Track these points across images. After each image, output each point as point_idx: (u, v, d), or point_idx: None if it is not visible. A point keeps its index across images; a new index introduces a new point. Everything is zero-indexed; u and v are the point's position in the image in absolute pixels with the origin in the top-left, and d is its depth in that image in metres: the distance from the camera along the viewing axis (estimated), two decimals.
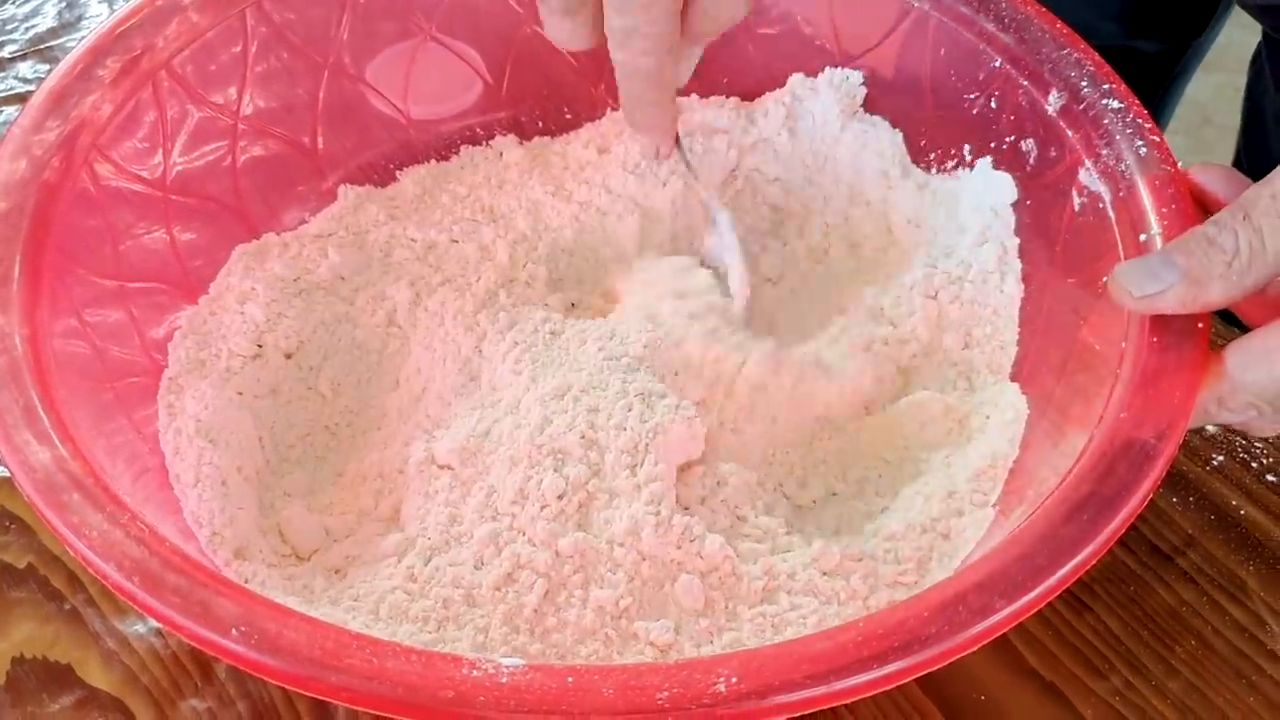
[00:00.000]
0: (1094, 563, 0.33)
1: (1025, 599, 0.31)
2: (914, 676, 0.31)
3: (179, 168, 0.49)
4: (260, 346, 0.48)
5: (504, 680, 0.30)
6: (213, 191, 0.50)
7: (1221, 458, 0.50)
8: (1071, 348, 0.43)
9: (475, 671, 0.30)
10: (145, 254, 0.47)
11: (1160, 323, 0.38)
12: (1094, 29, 0.49)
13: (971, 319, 0.48)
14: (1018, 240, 0.48)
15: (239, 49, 0.51)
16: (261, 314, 0.48)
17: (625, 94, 0.45)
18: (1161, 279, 0.37)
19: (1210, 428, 0.51)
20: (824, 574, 0.41)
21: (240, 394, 0.46)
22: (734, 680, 0.30)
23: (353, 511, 0.44)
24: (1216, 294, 0.36)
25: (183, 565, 0.33)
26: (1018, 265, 0.48)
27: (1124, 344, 0.39)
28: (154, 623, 0.44)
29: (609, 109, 0.58)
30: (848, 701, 0.30)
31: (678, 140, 0.50)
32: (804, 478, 0.46)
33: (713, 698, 0.30)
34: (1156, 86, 0.80)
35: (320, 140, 0.54)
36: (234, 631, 0.30)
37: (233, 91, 0.51)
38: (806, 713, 0.30)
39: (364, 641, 0.31)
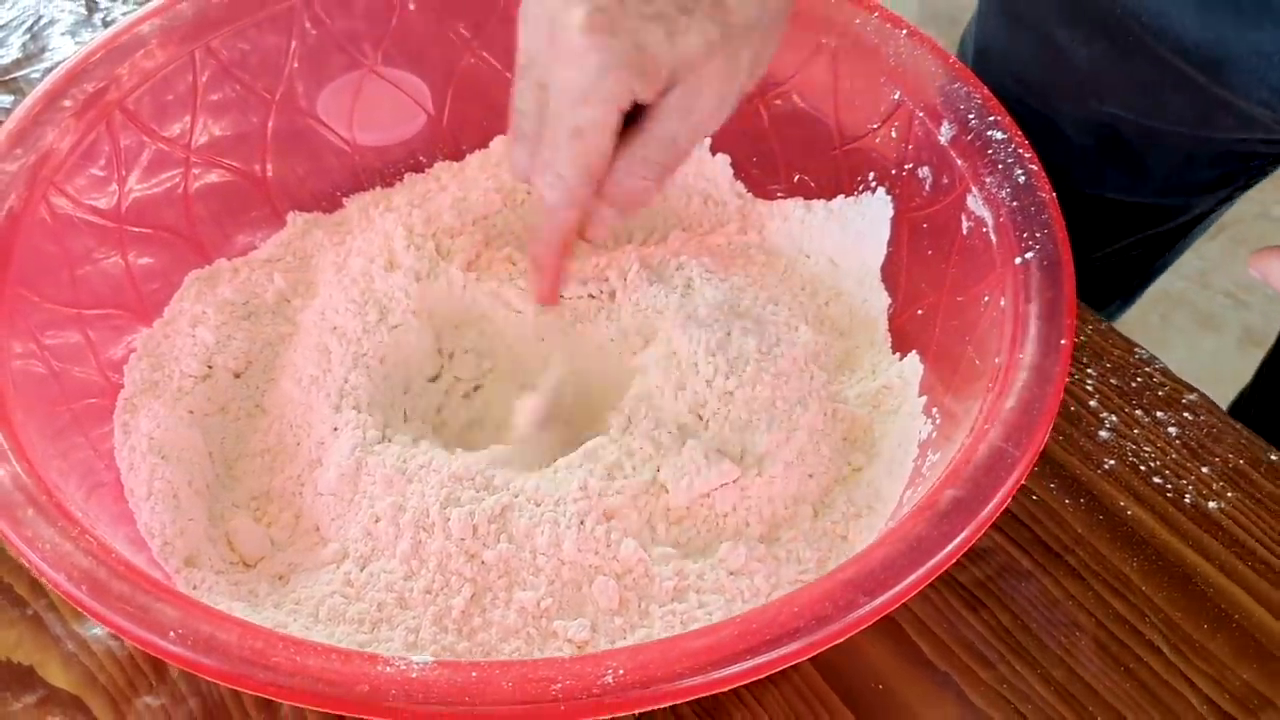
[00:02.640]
0: (955, 562, 0.36)
1: (885, 596, 0.35)
2: (783, 667, 0.34)
3: (134, 195, 0.52)
4: (210, 367, 0.51)
5: (414, 675, 0.33)
6: (167, 220, 0.54)
7: (1112, 462, 0.53)
8: (958, 364, 0.46)
9: (388, 668, 0.33)
10: (102, 279, 0.51)
11: (1026, 340, 0.42)
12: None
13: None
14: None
15: (190, 83, 0.54)
16: (212, 336, 0.51)
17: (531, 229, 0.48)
18: None
19: (1102, 433, 0.54)
20: (730, 574, 0.44)
21: (191, 412, 0.50)
22: (621, 672, 0.33)
23: (294, 523, 0.47)
24: None
25: (127, 574, 0.36)
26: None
27: (997, 360, 0.42)
28: None
29: None
30: (723, 690, 0.34)
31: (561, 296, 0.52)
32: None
33: (601, 688, 0.33)
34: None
35: (269, 169, 0.58)
36: (171, 634, 0.34)
37: (185, 124, 0.54)
38: (714, 702, 0.33)
39: (288, 642, 0.34)
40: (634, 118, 0.44)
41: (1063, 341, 0.41)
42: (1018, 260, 0.45)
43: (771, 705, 0.46)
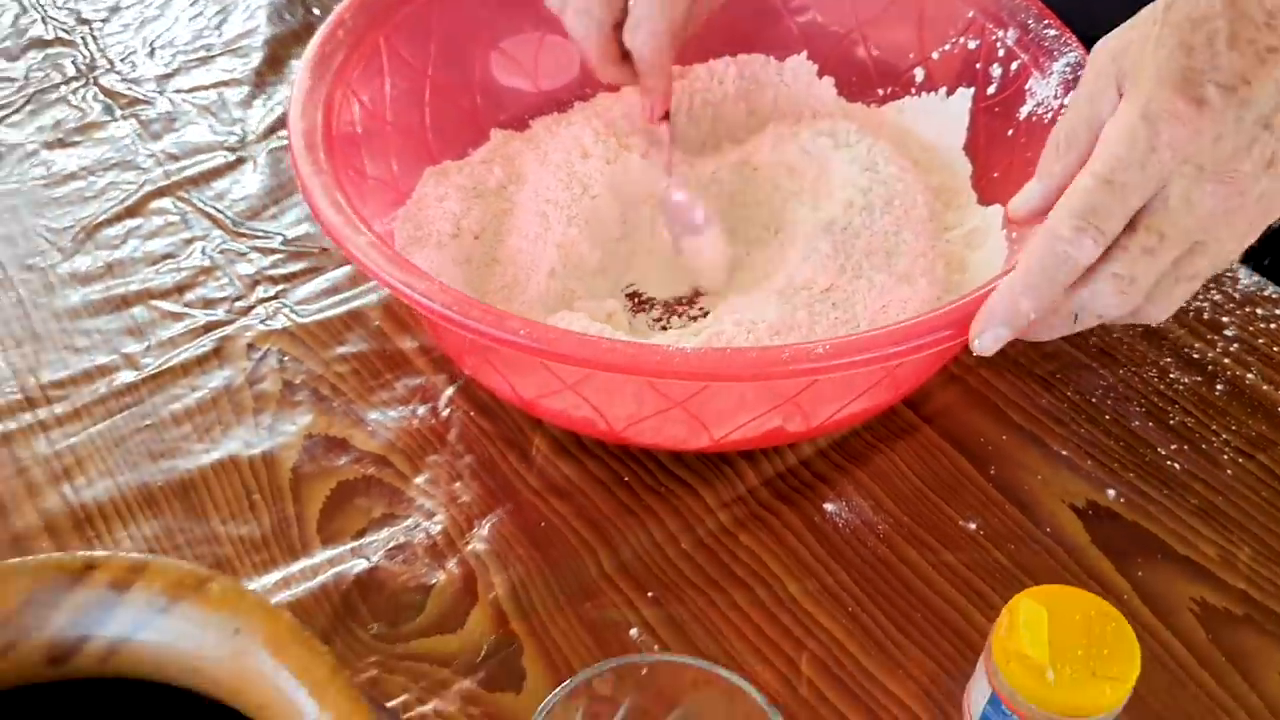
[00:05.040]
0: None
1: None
2: (931, 350, 0.49)
3: (390, 107, 0.68)
4: (457, 230, 0.67)
5: (688, 356, 0.49)
6: (411, 126, 0.70)
7: None
8: None
9: (672, 350, 0.49)
10: (372, 164, 0.66)
11: None
12: None
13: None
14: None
15: (428, 27, 0.70)
16: (457, 207, 0.67)
17: (640, 64, 0.65)
18: None
19: None
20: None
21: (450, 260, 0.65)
22: (826, 349, 0.49)
23: None
24: None
25: (483, 308, 0.51)
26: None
27: None
28: (397, 411, 0.62)
29: None
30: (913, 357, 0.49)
31: (667, 115, 0.69)
32: None
33: (813, 358, 0.48)
34: None
35: (478, 98, 0.74)
36: (522, 332, 0.49)
37: (424, 58, 0.71)
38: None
39: (588, 339, 0.49)
40: None
41: None
42: None
43: (906, 454, 0.61)
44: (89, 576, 0.33)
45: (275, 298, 0.69)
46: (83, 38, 0.88)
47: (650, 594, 0.55)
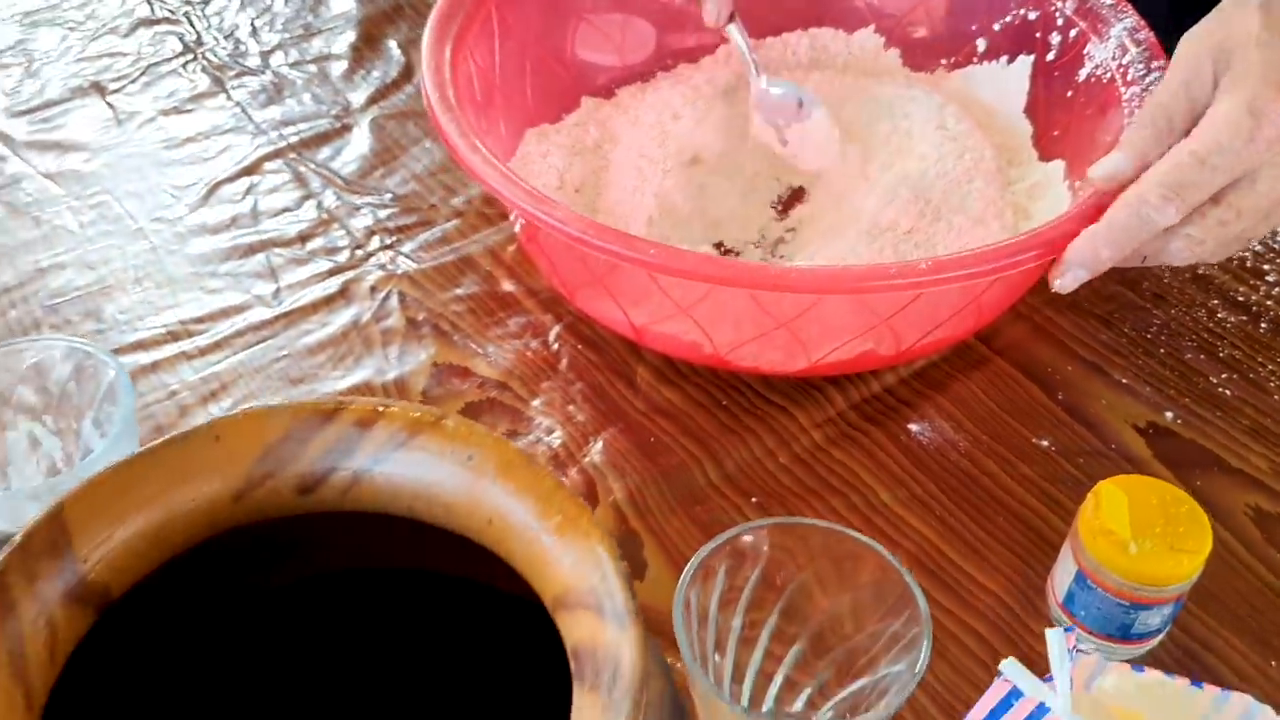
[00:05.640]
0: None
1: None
2: (1018, 270, 0.55)
3: (498, 70, 0.74)
4: (561, 183, 0.73)
5: (804, 272, 0.54)
6: (514, 96, 0.76)
7: None
8: (1089, 159, 0.68)
9: (784, 269, 0.54)
10: (488, 126, 0.72)
11: None
12: None
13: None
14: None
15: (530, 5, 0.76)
16: (560, 162, 0.73)
17: None
18: None
19: None
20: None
21: None
22: (927, 265, 0.54)
23: None
24: None
25: (616, 233, 0.57)
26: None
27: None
28: (511, 345, 0.68)
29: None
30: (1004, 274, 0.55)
31: (733, 16, 0.74)
32: None
33: (918, 273, 0.54)
34: None
35: (571, 68, 0.80)
36: (651, 251, 0.55)
37: (528, 33, 0.77)
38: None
39: (719, 260, 0.55)
40: None
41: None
42: (1125, 88, 0.67)
43: (981, 381, 0.67)
44: (338, 416, 0.39)
45: (390, 247, 0.75)
46: (186, 15, 0.94)
47: (754, 500, 0.61)
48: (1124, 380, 0.67)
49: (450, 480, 0.38)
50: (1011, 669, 0.37)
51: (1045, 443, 0.63)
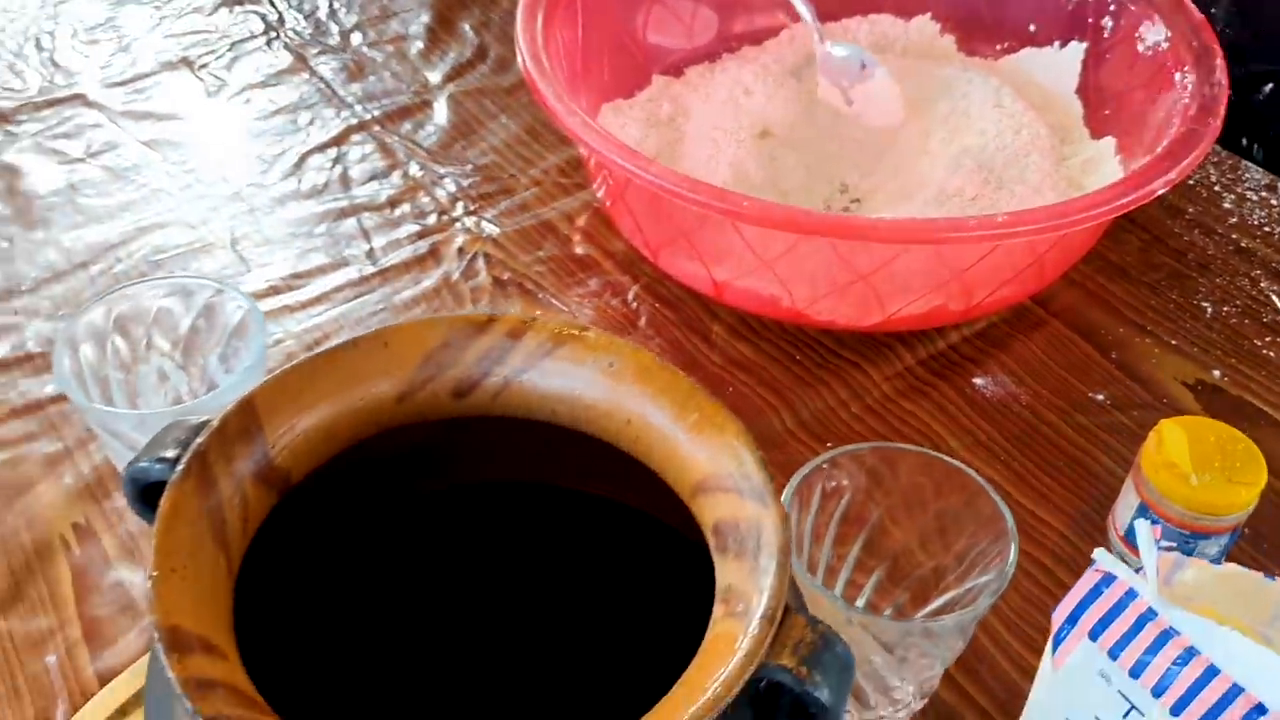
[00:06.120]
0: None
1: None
2: (1085, 226, 0.59)
3: (580, 49, 0.79)
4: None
5: (890, 223, 0.58)
6: (593, 72, 0.80)
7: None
8: (1141, 136, 0.72)
9: (870, 220, 0.59)
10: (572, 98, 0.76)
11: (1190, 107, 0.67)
12: None
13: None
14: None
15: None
16: (637, 133, 0.77)
17: None
18: None
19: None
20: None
21: None
22: (1004, 218, 0.58)
23: None
24: None
25: (711, 187, 0.61)
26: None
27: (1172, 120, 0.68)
28: (592, 302, 0.72)
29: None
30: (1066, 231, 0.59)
31: None
32: None
33: (995, 225, 0.58)
34: None
35: (642, 49, 0.84)
36: (745, 203, 0.59)
37: (607, 13, 0.81)
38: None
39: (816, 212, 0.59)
40: None
41: (1218, 91, 0.67)
42: (1177, 69, 0.71)
43: (1040, 341, 0.71)
44: (491, 327, 0.43)
45: (474, 213, 0.79)
46: None
47: (829, 445, 0.65)
48: (1173, 342, 0.71)
49: (591, 385, 0.42)
50: (1104, 558, 0.41)
51: (1100, 396, 0.67)
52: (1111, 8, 0.77)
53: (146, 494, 0.39)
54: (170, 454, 0.38)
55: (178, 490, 0.37)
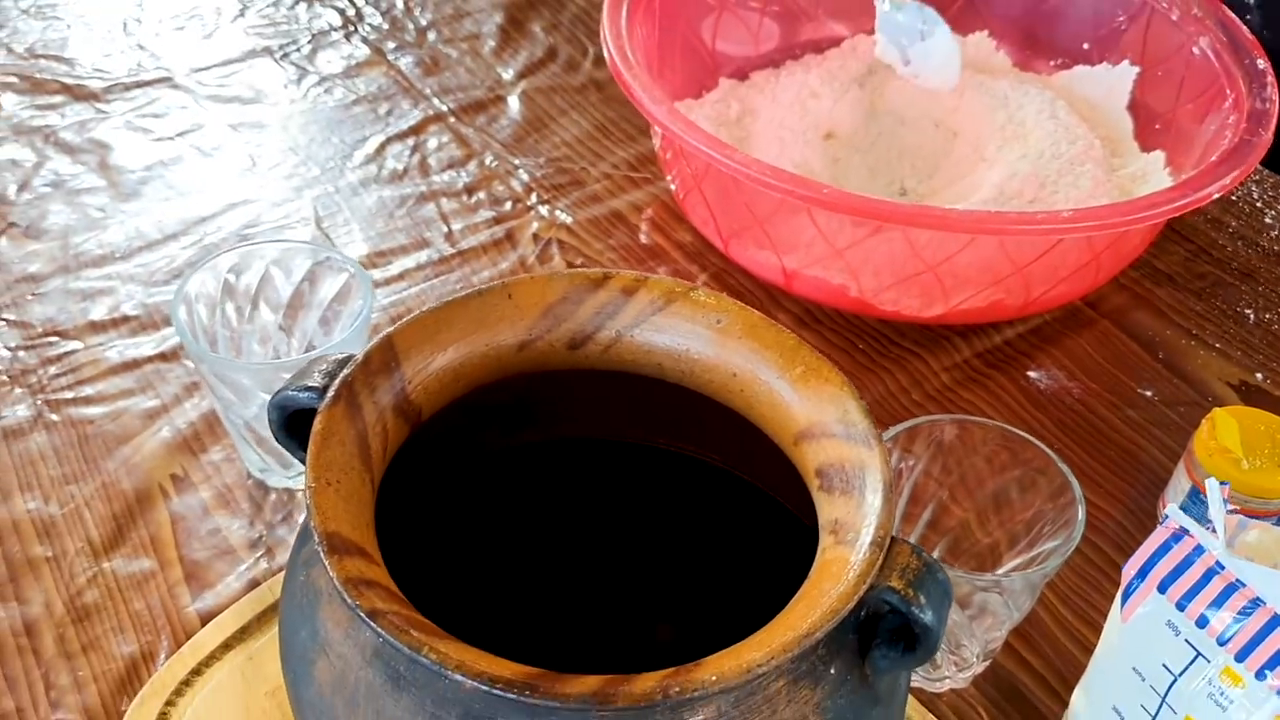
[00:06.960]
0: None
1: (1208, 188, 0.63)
2: (1145, 224, 0.62)
3: (657, 54, 0.82)
4: None
5: (963, 213, 0.62)
6: (666, 71, 0.84)
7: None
8: (1190, 149, 0.75)
9: (944, 210, 0.62)
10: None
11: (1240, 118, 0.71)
12: None
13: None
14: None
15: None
16: (708, 127, 0.81)
17: None
18: None
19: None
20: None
21: None
22: (1070, 213, 0.62)
23: None
24: None
25: (793, 175, 0.64)
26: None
27: (1225, 131, 0.72)
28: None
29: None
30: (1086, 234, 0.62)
31: None
32: None
33: (1061, 220, 0.61)
34: None
35: (712, 52, 0.88)
36: (825, 190, 0.62)
37: (679, 18, 0.85)
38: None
39: (891, 200, 0.63)
40: None
41: (1269, 106, 0.71)
42: (1227, 86, 0.74)
43: (1090, 339, 0.74)
44: (606, 284, 0.46)
45: (548, 201, 0.82)
46: None
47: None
48: (1216, 345, 0.74)
49: (699, 341, 0.46)
50: (1176, 514, 0.44)
51: (1149, 393, 0.71)
52: (1163, 27, 0.81)
53: (291, 421, 0.43)
54: (317, 383, 0.42)
55: (329, 414, 0.40)
